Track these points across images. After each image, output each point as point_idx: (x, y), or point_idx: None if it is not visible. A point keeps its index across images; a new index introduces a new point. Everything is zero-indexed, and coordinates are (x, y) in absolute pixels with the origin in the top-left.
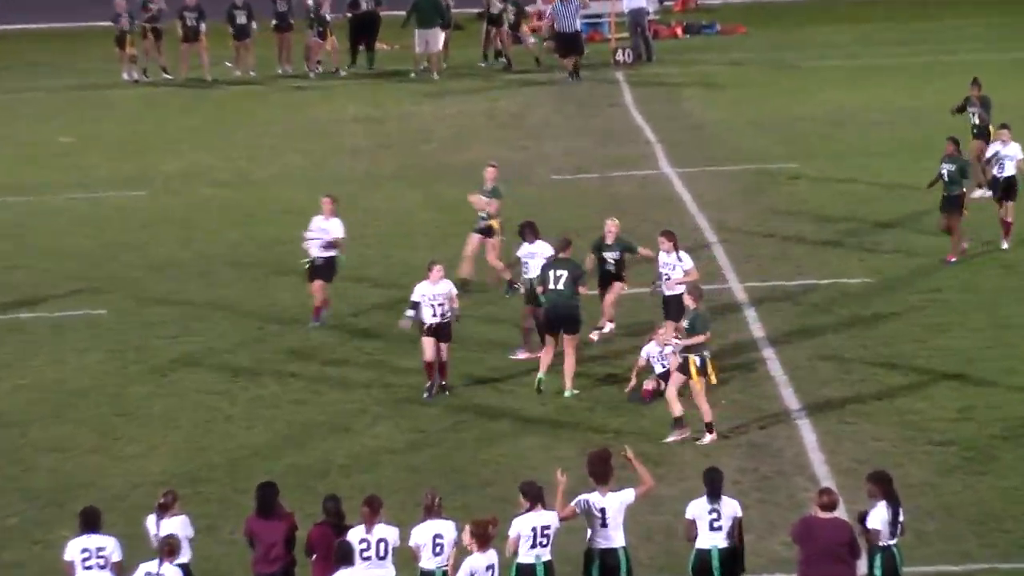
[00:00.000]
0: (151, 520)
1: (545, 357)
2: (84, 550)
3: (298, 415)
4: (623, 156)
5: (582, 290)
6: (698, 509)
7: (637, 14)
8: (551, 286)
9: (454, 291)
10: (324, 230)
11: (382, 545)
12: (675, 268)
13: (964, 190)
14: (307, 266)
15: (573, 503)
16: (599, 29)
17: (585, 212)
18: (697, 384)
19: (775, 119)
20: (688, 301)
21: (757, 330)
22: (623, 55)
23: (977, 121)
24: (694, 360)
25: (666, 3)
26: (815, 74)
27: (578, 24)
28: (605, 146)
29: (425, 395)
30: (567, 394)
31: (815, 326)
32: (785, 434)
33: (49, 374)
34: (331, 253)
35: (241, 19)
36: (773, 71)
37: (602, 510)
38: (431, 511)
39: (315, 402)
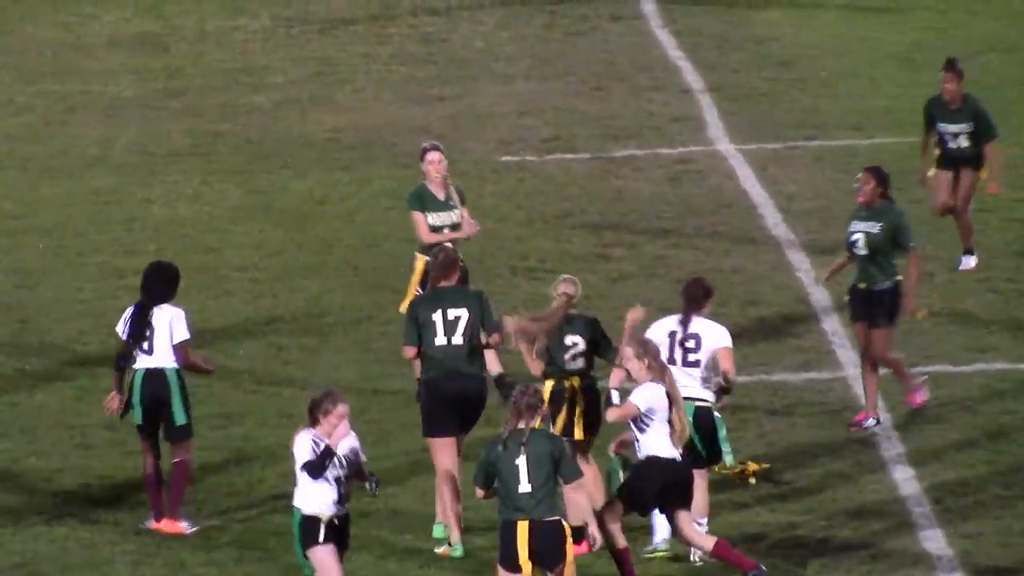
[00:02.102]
0: None
1: None
2: None
3: None
4: (637, 118)
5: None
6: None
7: None
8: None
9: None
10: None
11: None
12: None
13: None
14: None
15: None
16: None
17: (562, 227)
18: None
19: (930, 47)
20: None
21: (908, 481)
22: None
23: None
24: None
25: None
26: None
27: None
28: (602, 99)
29: None
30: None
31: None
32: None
33: None
34: None
35: None
36: None
37: None
38: None
39: None
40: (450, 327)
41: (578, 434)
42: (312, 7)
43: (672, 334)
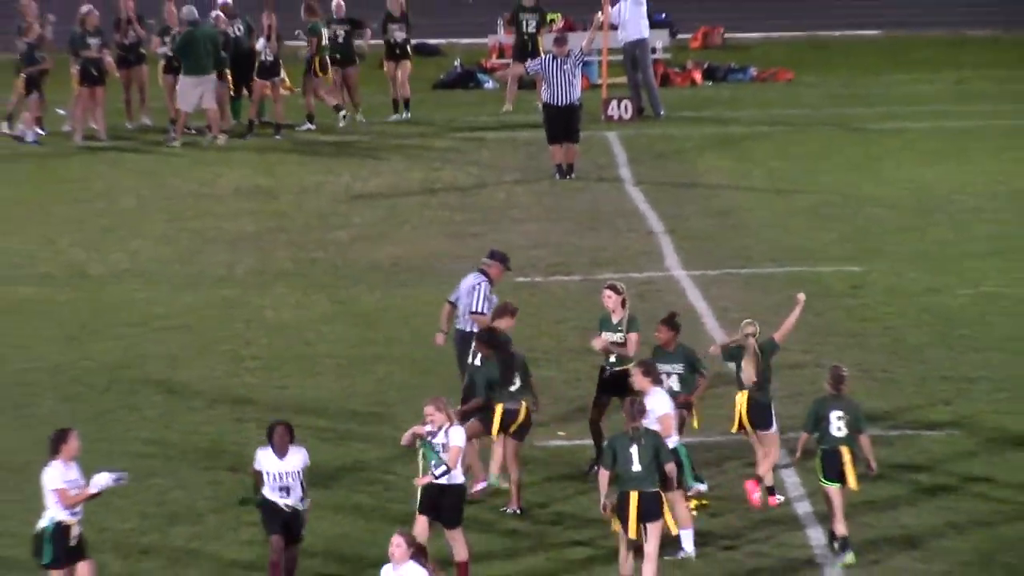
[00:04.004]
0: None
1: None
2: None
3: None
4: (615, 251)
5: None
6: None
7: (637, 47)
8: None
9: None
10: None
11: None
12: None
13: None
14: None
15: None
16: (586, 72)
17: (561, 329)
18: None
19: (832, 203)
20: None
21: (803, 506)
22: (618, 108)
23: None
24: None
25: (680, 36)
26: (890, 140)
27: (578, 92)
28: (590, 236)
29: None
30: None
31: (885, 498)
32: None
33: None
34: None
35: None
36: (830, 135)
37: None
38: None
39: None
40: None
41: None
42: (381, 169)
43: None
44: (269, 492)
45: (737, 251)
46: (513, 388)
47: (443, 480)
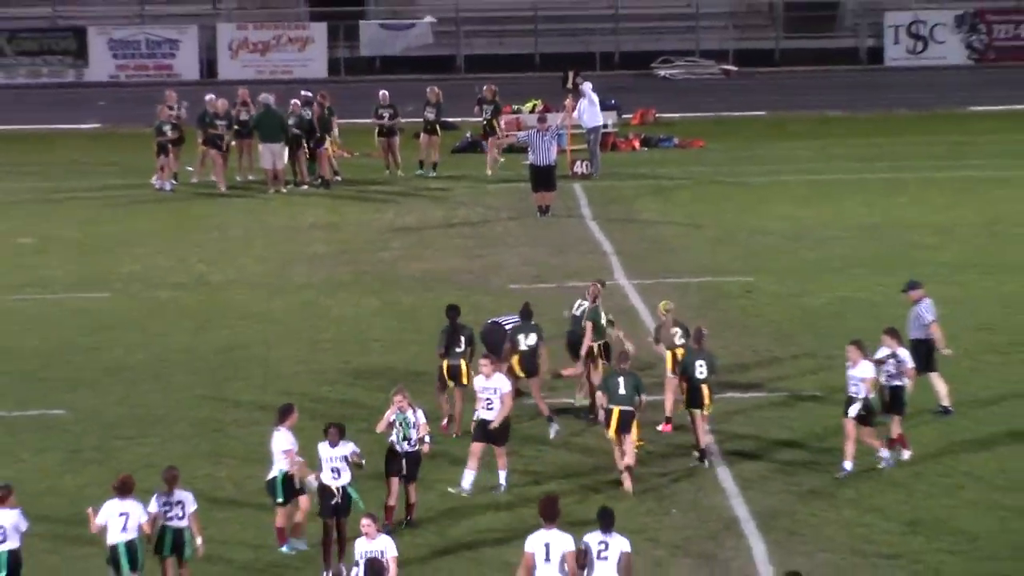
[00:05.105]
0: None
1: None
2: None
3: (254, 518)
4: (579, 266)
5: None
6: (590, 540)
7: (592, 132)
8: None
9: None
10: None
11: None
12: None
13: None
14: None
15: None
16: (559, 142)
17: (540, 321)
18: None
19: (732, 233)
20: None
21: (708, 440)
22: (581, 166)
23: None
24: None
25: (625, 116)
26: (773, 188)
27: (554, 155)
28: (562, 256)
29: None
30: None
31: (767, 438)
32: (733, 544)
33: (7, 474)
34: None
35: (219, 127)
36: (730, 185)
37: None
38: None
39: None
40: None
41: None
42: (413, 209)
43: None
44: (324, 476)
45: (664, 266)
46: (459, 349)
47: (407, 448)
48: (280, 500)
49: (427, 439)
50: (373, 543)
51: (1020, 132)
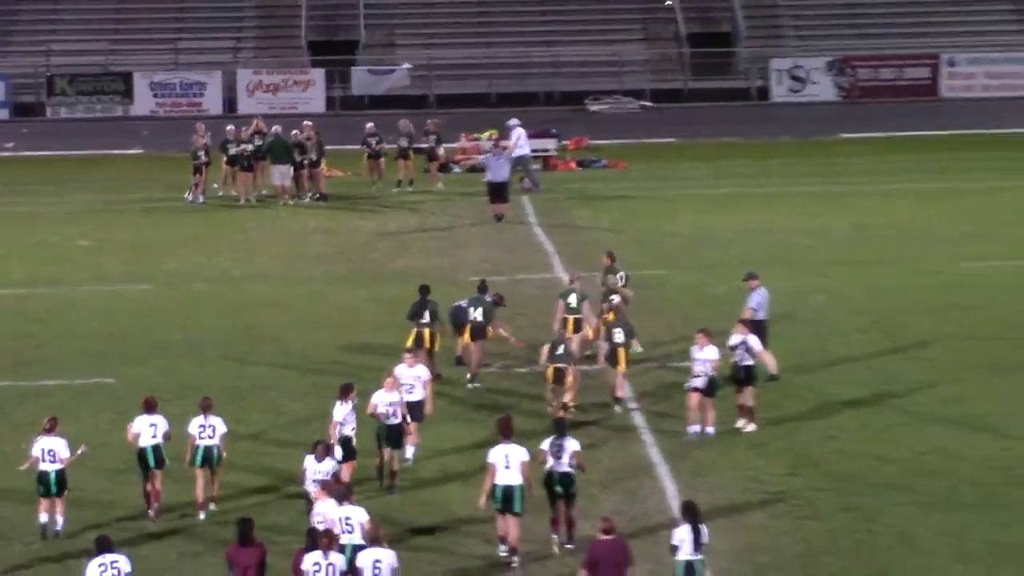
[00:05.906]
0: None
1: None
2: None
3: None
4: (527, 262)
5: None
6: (547, 443)
7: (520, 161)
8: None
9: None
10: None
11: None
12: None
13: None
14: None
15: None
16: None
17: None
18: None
19: (648, 235)
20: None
21: (622, 393)
22: (523, 182)
23: None
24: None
25: (563, 142)
26: (681, 200)
27: (507, 174)
28: (514, 255)
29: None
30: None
31: (679, 400)
32: (650, 485)
33: (68, 430)
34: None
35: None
36: (648, 198)
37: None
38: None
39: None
40: None
41: None
42: (395, 217)
43: None
44: (309, 485)
45: (595, 262)
46: (424, 320)
47: (393, 421)
48: (340, 460)
49: (408, 418)
50: (344, 508)
51: (879, 155)
